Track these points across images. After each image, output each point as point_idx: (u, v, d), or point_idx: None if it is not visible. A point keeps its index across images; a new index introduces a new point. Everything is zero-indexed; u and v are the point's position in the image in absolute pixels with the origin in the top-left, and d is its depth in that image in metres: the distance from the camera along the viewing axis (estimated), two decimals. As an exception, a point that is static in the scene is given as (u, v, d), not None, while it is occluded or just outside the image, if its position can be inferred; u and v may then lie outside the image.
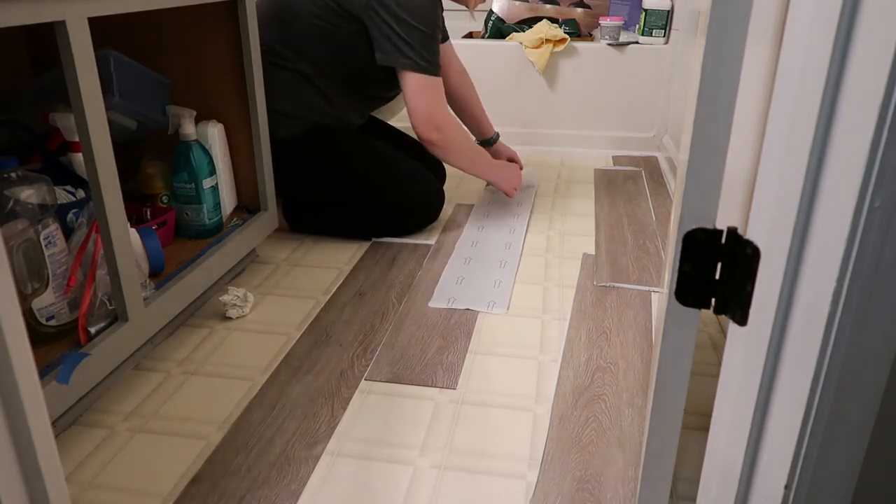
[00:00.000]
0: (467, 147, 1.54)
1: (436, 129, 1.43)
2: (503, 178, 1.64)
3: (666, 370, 0.60)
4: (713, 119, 0.52)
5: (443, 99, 1.45)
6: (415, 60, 1.38)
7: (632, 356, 1.08)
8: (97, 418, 0.94)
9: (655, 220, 1.65)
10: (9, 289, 0.35)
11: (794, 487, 0.48)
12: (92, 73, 0.83)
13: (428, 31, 1.38)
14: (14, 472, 0.37)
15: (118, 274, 0.91)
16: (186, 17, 1.22)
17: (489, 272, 1.37)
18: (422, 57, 1.38)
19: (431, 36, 1.39)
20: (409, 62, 1.38)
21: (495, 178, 1.63)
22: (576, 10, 2.50)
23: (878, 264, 0.42)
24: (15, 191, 0.87)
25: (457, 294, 1.27)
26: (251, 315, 1.21)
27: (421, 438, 0.90)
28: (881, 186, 0.40)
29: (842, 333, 0.43)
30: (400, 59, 1.38)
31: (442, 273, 1.36)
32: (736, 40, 0.49)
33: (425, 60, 1.39)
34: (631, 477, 0.83)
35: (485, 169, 1.62)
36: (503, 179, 1.64)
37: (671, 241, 0.63)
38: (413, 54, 1.37)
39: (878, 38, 0.38)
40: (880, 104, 0.38)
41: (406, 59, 1.38)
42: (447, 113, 1.48)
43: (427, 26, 1.38)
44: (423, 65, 1.39)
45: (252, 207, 1.37)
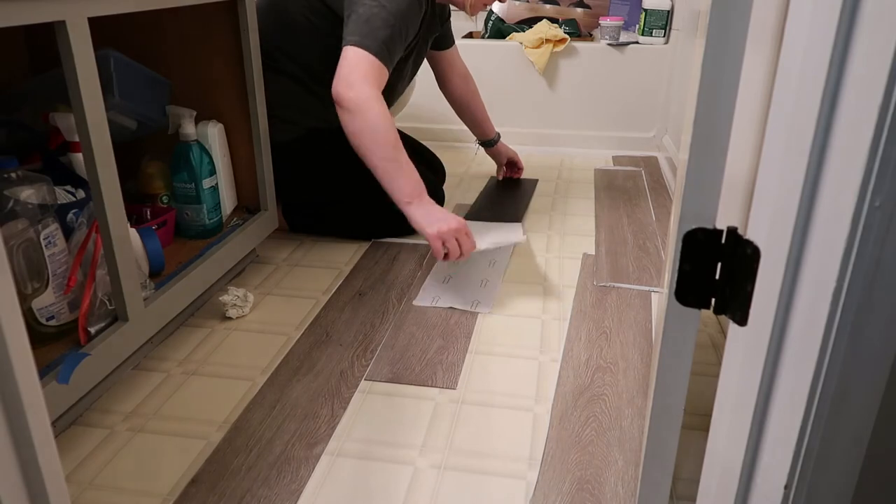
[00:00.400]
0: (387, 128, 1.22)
1: (349, 85, 1.22)
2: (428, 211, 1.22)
3: (666, 370, 0.60)
4: (713, 119, 0.52)
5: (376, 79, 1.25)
6: (361, 37, 1.24)
7: (632, 356, 1.08)
8: (97, 418, 0.94)
9: (655, 220, 1.65)
10: (9, 289, 0.35)
11: (794, 487, 0.48)
12: (92, 73, 0.83)
13: (392, 18, 1.26)
14: (14, 472, 0.37)
15: (118, 274, 0.91)
16: (186, 17, 1.22)
17: (478, 272, 1.36)
18: (371, 36, 1.24)
19: (392, 25, 1.26)
20: (356, 38, 1.24)
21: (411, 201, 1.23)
22: (576, 10, 2.50)
23: (878, 264, 0.42)
24: (15, 191, 0.87)
25: (442, 293, 1.27)
26: (251, 315, 1.21)
27: (421, 438, 0.90)
28: (881, 186, 0.40)
29: (842, 333, 0.43)
30: (348, 37, 1.25)
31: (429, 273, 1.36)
32: (736, 40, 0.49)
33: (374, 41, 1.24)
34: (631, 477, 0.83)
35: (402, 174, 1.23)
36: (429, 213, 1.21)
37: (671, 241, 0.63)
38: (364, 31, 1.24)
39: (878, 38, 0.38)
40: (880, 104, 0.38)
41: (354, 36, 1.24)
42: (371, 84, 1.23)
43: (394, 14, 1.26)
44: (369, 44, 1.24)
45: (252, 207, 1.37)
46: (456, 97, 1.82)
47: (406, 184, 1.23)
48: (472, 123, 1.87)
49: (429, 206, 1.23)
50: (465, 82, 1.82)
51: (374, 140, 1.23)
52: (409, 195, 1.23)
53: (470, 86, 1.83)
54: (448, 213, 1.23)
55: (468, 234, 1.22)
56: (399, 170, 1.23)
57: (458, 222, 1.21)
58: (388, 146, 1.23)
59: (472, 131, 1.90)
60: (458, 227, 1.20)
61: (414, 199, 1.23)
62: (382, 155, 1.23)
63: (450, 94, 1.82)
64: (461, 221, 1.21)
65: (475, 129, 1.88)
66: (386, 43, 1.26)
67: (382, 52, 1.26)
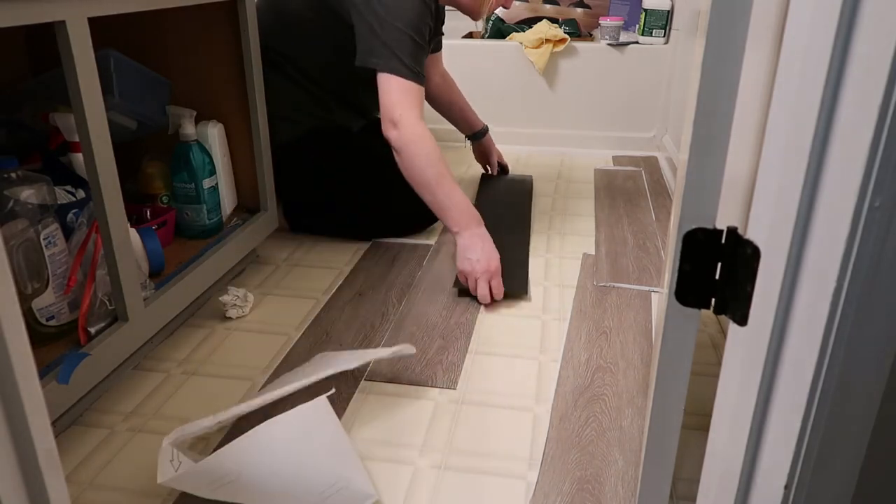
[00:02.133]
0: (430, 163, 1.28)
1: (393, 124, 1.28)
2: (470, 244, 1.24)
3: (666, 370, 0.60)
4: (713, 119, 0.52)
5: (415, 105, 1.31)
6: (387, 60, 1.28)
7: (632, 356, 1.08)
8: (97, 418, 0.94)
9: (655, 220, 1.65)
10: (9, 289, 0.35)
11: (794, 487, 0.48)
12: (92, 73, 0.83)
13: (411, 34, 1.29)
14: (14, 472, 0.37)
15: (118, 274, 0.91)
16: (186, 17, 1.22)
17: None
18: (400, 61, 1.28)
19: (415, 41, 1.30)
20: (380, 62, 1.29)
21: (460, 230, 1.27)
22: (576, 10, 2.50)
23: (878, 264, 0.42)
24: (15, 191, 0.87)
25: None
26: (251, 315, 1.21)
27: (421, 438, 0.90)
28: (881, 186, 0.40)
29: (842, 333, 0.43)
30: (372, 59, 1.29)
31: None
32: (736, 40, 0.49)
33: (404, 65, 1.28)
34: (631, 477, 0.83)
35: (449, 206, 1.28)
36: (470, 247, 1.24)
37: (671, 241, 0.63)
38: (387, 54, 1.29)
39: (878, 38, 0.38)
40: (880, 104, 0.38)
41: (377, 58, 1.29)
42: (413, 115, 1.29)
43: (412, 30, 1.29)
44: (396, 65, 1.28)
45: (252, 207, 1.37)
46: (436, 94, 1.82)
47: (451, 215, 1.29)
48: (460, 118, 1.87)
49: (472, 239, 1.26)
50: (446, 80, 1.83)
51: (417, 176, 1.29)
52: (455, 225, 1.28)
53: (448, 81, 1.83)
54: (487, 250, 1.25)
55: (493, 282, 1.23)
56: (444, 202, 1.29)
57: (486, 267, 1.23)
58: (432, 181, 1.28)
59: (459, 127, 1.90)
60: (484, 271, 1.22)
61: (461, 229, 1.28)
62: (428, 189, 1.29)
63: (431, 92, 1.81)
64: (489, 268, 1.23)
65: (462, 123, 1.88)
66: (413, 59, 1.30)
67: (414, 72, 1.30)
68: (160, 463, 0.75)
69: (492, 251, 1.25)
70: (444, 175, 1.29)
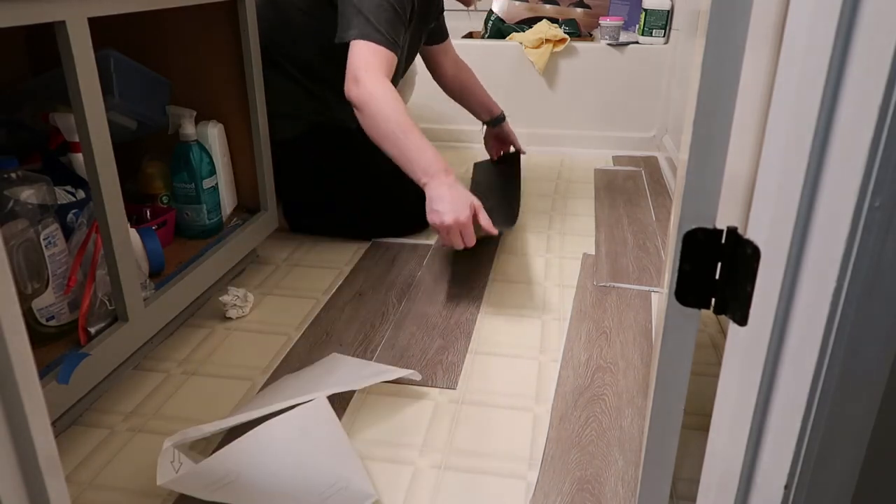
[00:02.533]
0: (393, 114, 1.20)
1: (355, 82, 1.22)
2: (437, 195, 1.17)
3: (666, 370, 0.60)
4: (713, 119, 0.52)
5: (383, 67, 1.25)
6: (361, 28, 1.24)
7: (632, 356, 1.08)
8: (97, 418, 0.94)
9: (655, 220, 1.65)
10: (9, 289, 0.35)
11: (794, 487, 0.48)
12: (92, 73, 0.83)
13: (392, 3, 1.26)
14: (14, 473, 0.37)
15: (118, 274, 0.91)
16: (186, 17, 1.22)
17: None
18: (375, 28, 1.24)
19: (395, 10, 1.27)
20: (355, 31, 1.24)
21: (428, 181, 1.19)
22: (576, 10, 2.50)
23: (878, 264, 0.42)
24: (15, 191, 0.87)
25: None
26: (251, 315, 1.21)
27: (421, 438, 0.90)
28: (881, 186, 0.40)
29: (842, 333, 0.43)
30: (349, 32, 1.25)
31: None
32: (736, 40, 0.49)
33: (378, 31, 1.24)
34: (631, 477, 0.83)
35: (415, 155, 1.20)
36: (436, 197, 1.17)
37: (671, 241, 0.63)
38: (362, 22, 1.24)
39: (878, 38, 0.38)
40: (880, 104, 0.38)
41: (353, 29, 1.24)
42: (378, 74, 1.23)
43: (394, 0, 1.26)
44: (368, 31, 1.23)
45: (252, 207, 1.37)
46: (449, 80, 1.80)
47: (417, 164, 1.20)
48: (477, 103, 1.83)
49: (440, 189, 1.17)
50: (459, 68, 1.80)
51: (380, 130, 1.22)
52: (423, 173, 1.20)
53: (464, 70, 1.81)
54: (460, 198, 1.17)
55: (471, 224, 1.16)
56: (410, 151, 1.20)
57: (455, 217, 1.15)
58: (393, 132, 1.21)
59: (477, 113, 1.85)
60: (454, 222, 1.15)
61: (428, 178, 1.19)
62: (391, 141, 1.22)
63: (445, 82, 1.80)
64: (465, 213, 1.15)
65: (480, 108, 1.84)
66: (387, 26, 1.25)
67: (386, 38, 1.25)
68: (160, 464, 0.75)
69: (460, 197, 1.17)
70: (408, 125, 1.21)
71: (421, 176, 1.21)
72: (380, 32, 1.25)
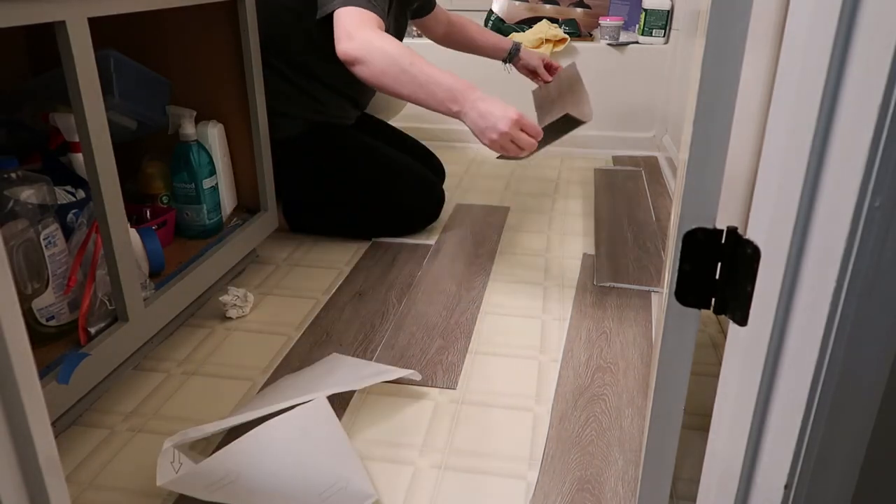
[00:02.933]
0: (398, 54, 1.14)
1: (348, 37, 1.18)
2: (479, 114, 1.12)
3: (666, 370, 0.60)
4: (713, 119, 0.52)
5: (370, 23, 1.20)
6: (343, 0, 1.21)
7: (632, 356, 1.08)
8: (97, 418, 0.94)
9: (655, 220, 1.65)
10: (9, 289, 0.35)
11: (794, 487, 0.48)
12: (92, 73, 0.83)
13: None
14: (14, 473, 0.37)
15: (118, 274, 0.91)
16: (186, 17, 1.22)
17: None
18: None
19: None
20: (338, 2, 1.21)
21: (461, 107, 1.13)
22: (576, 10, 2.49)
23: (878, 264, 0.42)
24: (15, 191, 0.87)
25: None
26: (251, 315, 1.21)
27: (421, 438, 0.90)
28: (881, 186, 0.40)
29: (842, 333, 0.43)
30: (331, 4, 1.22)
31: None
32: (736, 40, 0.49)
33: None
34: (631, 477, 0.83)
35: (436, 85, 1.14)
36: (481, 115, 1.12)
37: (671, 241, 0.63)
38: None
39: (878, 38, 0.38)
40: (880, 104, 0.38)
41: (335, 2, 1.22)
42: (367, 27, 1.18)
43: None
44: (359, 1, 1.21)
45: (252, 207, 1.37)
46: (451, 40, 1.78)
47: (439, 93, 1.14)
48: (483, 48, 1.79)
49: (477, 107, 1.12)
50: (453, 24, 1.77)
51: (388, 74, 1.16)
52: (452, 104, 1.14)
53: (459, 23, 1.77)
54: (499, 109, 1.12)
55: (526, 127, 1.13)
56: (429, 84, 1.14)
57: (507, 121, 1.10)
58: (403, 70, 1.14)
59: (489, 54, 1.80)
60: (510, 127, 1.11)
61: (458, 104, 1.13)
62: (403, 80, 1.15)
63: (444, 40, 1.78)
64: (511, 117, 1.11)
65: (489, 49, 1.79)
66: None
67: (371, 4, 1.23)
68: (160, 464, 0.75)
69: (503, 105, 1.13)
70: (415, 57, 1.15)
71: (450, 105, 1.14)
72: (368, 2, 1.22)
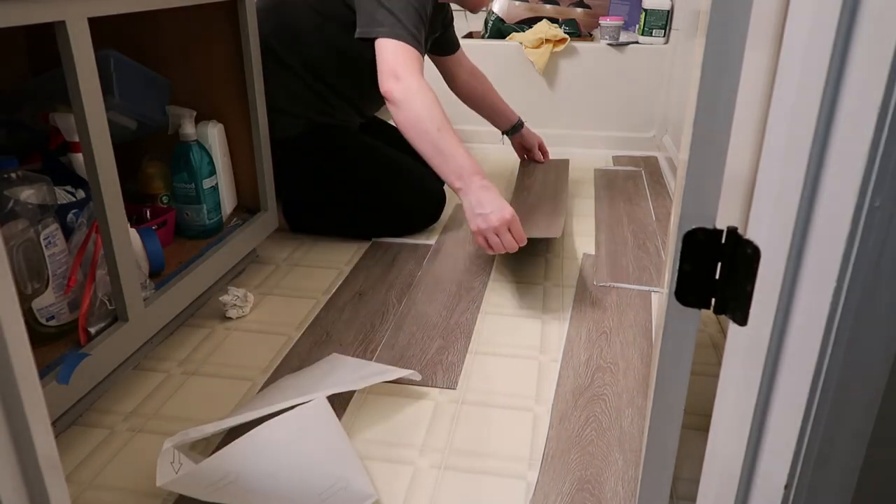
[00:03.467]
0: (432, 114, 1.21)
1: (395, 77, 1.23)
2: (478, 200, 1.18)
3: (666, 370, 0.60)
4: (713, 119, 0.52)
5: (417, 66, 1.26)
6: (391, 27, 1.26)
7: (632, 356, 1.08)
8: (97, 418, 0.94)
9: (655, 220, 1.65)
10: (9, 289, 0.35)
11: (794, 487, 0.48)
12: (92, 73, 0.83)
13: (416, 6, 1.28)
14: (14, 473, 0.37)
15: (118, 274, 0.91)
16: (186, 17, 1.22)
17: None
18: (400, 25, 1.25)
19: (419, 15, 1.29)
20: (385, 29, 1.26)
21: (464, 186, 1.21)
22: (576, 10, 2.50)
23: (878, 264, 0.42)
24: (15, 191, 0.87)
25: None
26: (251, 315, 1.21)
27: (421, 438, 0.90)
28: (881, 186, 0.40)
29: (842, 333, 0.43)
30: (377, 28, 1.27)
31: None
32: (736, 40, 0.49)
33: (403, 28, 1.26)
34: (631, 477, 0.83)
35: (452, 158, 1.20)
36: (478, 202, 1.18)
37: (671, 241, 0.63)
38: (391, 22, 1.26)
39: (878, 38, 0.38)
40: (880, 104, 0.38)
41: (382, 27, 1.26)
42: (415, 72, 1.25)
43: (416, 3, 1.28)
44: (400, 32, 1.25)
45: (252, 207, 1.37)
46: (467, 92, 1.82)
47: (453, 168, 1.22)
48: (493, 113, 1.86)
49: (478, 194, 1.19)
50: (474, 76, 1.82)
51: (417, 127, 1.23)
52: (457, 180, 1.21)
53: (479, 78, 1.83)
54: (497, 203, 1.18)
55: (514, 230, 1.18)
56: (447, 153, 1.21)
57: (500, 218, 1.17)
58: (429, 131, 1.21)
59: (495, 122, 1.88)
60: (500, 224, 1.17)
61: (463, 185, 1.20)
62: (427, 139, 1.22)
63: (460, 90, 1.82)
64: (505, 217, 1.17)
65: (497, 118, 1.86)
66: (416, 28, 1.27)
67: (416, 40, 1.27)
68: (160, 465, 0.75)
69: (501, 200, 1.19)
70: (446, 126, 1.22)
71: (454, 179, 1.22)
72: (411, 34, 1.26)
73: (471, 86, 1.82)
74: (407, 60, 1.25)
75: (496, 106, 1.86)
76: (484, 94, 1.84)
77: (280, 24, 1.43)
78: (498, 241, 1.18)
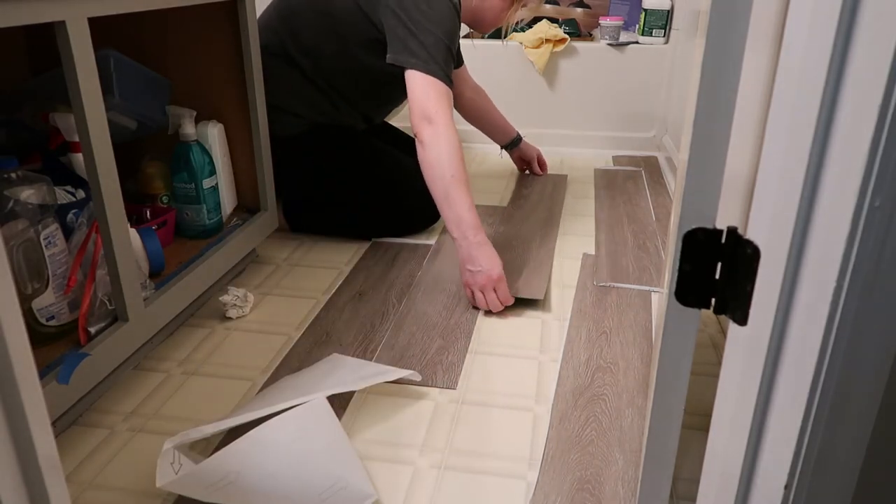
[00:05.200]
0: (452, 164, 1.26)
1: (428, 121, 1.28)
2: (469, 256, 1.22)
3: (666, 370, 0.60)
4: (713, 119, 0.52)
5: (449, 108, 1.31)
6: (425, 62, 1.32)
7: (632, 356, 1.08)
8: (97, 418, 0.94)
9: (655, 220, 1.65)
10: (9, 289, 0.35)
11: (794, 487, 0.48)
12: (92, 73, 0.83)
13: (447, 42, 1.32)
14: (14, 473, 0.37)
15: (118, 274, 0.91)
16: (186, 17, 1.22)
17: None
18: (433, 60, 1.31)
19: (448, 50, 1.33)
20: (419, 62, 1.32)
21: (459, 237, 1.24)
22: (576, 10, 2.49)
23: (878, 264, 0.42)
24: (15, 191, 0.87)
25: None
26: (251, 315, 1.21)
27: (421, 438, 0.90)
28: (881, 186, 0.40)
29: (842, 333, 0.43)
30: (410, 59, 1.32)
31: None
32: (736, 40, 0.49)
33: (436, 63, 1.31)
34: (631, 477, 0.83)
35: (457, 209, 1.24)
36: (469, 258, 1.22)
37: (671, 241, 0.63)
38: (424, 56, 1.31)
39: (878, 38, 0.38)
40: (880, 104, 0.38)
41: (416, 59, 1.32)
42: (448, 116, 1.30)
43: (447, 38, 1.32)
44: (433, 67, 1.31)
45: (252, 207, 1.37)
46: (469, 108, 1.87)
47: (454, 219, 1.25)
48: (493, 129, 1.92)
49: (471, 250, 1.22)
50: (477, 93, 1.87)
51: (436, 171, 1.26)
52: (455, 229, 1.25)
53: (481, 94, 1.88)
54: (488, 262, 1.21)
55: (499, 290, 1.21)
56: (454, 203, 1.25)
57: (487, 278, 1.20)
58: (445, 178, 1.25)
59: (494, 136, 1.95)
60: (486, 283, 1.20)
61: (459, 236, 1.24)
62: (441, 185, 1.26)
63: (463, 106, 1.86)
64: (492, 277, 1.20)
65: (496, 134, 1.93)
66: (446, 64, 1.31)
67: (449, 78, 1.31)
68: (160, 465, 0.75)
69: (492, 260, 1.22)
70: (460, 175, 1.27)
71: (453, 228, 1.25)
72: (443, 71, 1.30)
73: (474, 102, 1.86)
74: (440, 100, 1.29)
75: (496, 122, 1.91)
76: (485, 111, 1.89)
77: (294, 22, 1.44)
78: (482, 298, 1.21)
